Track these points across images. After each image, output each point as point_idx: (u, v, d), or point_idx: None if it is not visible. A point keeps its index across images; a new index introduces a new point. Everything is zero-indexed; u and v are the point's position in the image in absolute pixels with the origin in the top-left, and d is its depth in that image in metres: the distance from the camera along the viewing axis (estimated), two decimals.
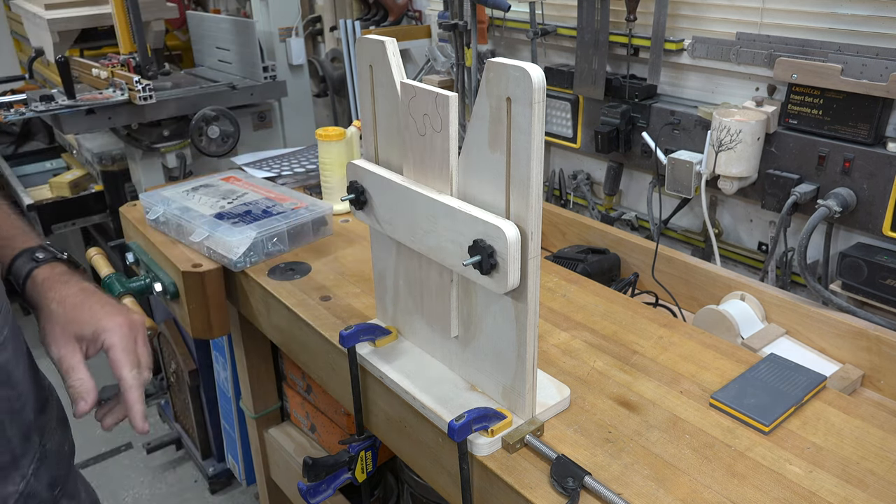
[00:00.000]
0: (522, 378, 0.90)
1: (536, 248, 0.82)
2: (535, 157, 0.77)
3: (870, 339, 1.17)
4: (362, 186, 1.01)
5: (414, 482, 1.46)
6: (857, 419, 0.95)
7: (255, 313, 1.41)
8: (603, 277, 1.44)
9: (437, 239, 0.89)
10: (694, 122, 1.49)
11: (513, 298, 0.86)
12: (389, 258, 1.06)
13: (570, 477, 0.84)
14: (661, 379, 1.04)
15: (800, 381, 1.01)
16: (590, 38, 1.61)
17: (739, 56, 1.44)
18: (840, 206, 1.27)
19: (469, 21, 1.80)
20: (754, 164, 1.39)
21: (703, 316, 1.30)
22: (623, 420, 0.96)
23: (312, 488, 1.12)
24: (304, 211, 1.48)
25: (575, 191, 1.86)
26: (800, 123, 1.35)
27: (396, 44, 0.92)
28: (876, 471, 0.87)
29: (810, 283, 1.28)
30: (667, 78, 1.60)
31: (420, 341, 1.07)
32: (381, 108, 0.97)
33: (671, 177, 1.50)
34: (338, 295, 1.29)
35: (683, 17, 1.53)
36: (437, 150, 0.88)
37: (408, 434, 1.04)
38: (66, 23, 2.45)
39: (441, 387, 1.00)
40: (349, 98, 2.56)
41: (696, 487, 0.84)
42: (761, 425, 0.93)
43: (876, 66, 1.24)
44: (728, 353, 1.10)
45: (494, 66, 0.77)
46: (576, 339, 1.14)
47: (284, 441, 1.70)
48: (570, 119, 1.75)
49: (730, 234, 1.59)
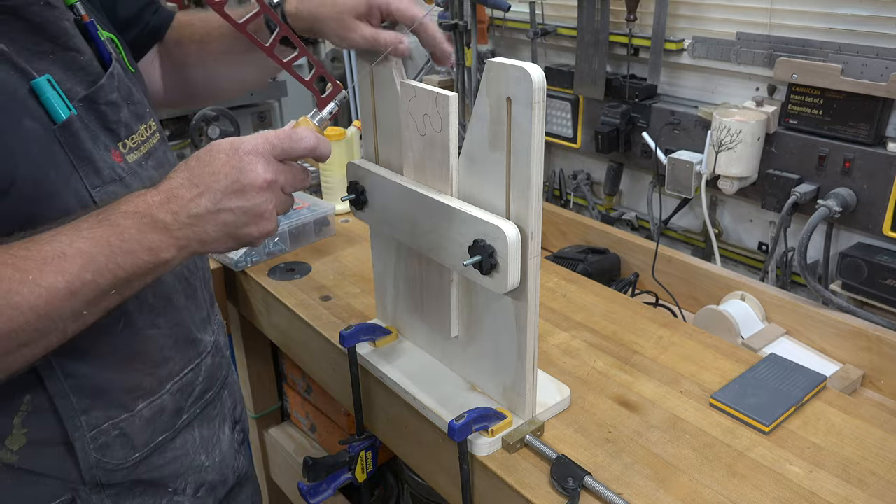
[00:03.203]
0: (523, 378, 0.90)
1: (537, 248, 0.82)
2: (535, 157, 0.77)
3: (870, 339, 1.17)
4: (362, 186, 1.01)
5: (414, 482, 1.46)
6: (857, 419, 0.95)
7: (255, 313, 1.41)
8: (603, 277, 1.44)
9: (437, 239, 0.89)
10: (694, 122, 1.49)
11: (513, 298, 0.86)
12: (389, 258, 1.06)
13: (571, 477, 0.84)
14: (661, 379, 1.04)
15: (800, 381, 1.01)
16: (590, 38, 1.61)
17: (739, 56, 1.43)
18: (840, 206, 1.27)
19: (469, 21, 1.80)
20: (754, 164, 1.39)
21: (704, 316, 1.30)
22: (623, 420, 0.96)
23: (312, 488, 1.12)
24: (306, 211, 1.48)
25: (575, 191, 1.86)
26: (800, 123, 1.35)
27: None
28: (876, 471, 0.87)
29: (810, 283, 1.28)
30: (667, 78, 1.60)
31: (420, 341, 1.07)
32: (381, 108, 0.97)
33: (671, 177, 1.50)
34: (338, 295, 1.29)
35: (683, 17, 1.53)
36: (437, 150, 0.88)
37: (408, 434, 1.04)
38: None
39: (441, 387, 1.00)
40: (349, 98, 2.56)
41: (697, 487, 0.84)
42: (761, 425, 0.93)
43: (876, 66, 1.24)
44: (728, 353, 1.10)
45: (494, 66, 0.77)
46: (576, 339, 1.14)
47: (284, 441, 1.70)
48: (570, 119, 1.75)
49: (730, 234, 1.59)
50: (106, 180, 0.79)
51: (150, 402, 0.88)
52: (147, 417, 0.87)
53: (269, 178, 0.74)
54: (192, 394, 0.94)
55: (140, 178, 0.84)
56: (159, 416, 0.89)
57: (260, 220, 0.75)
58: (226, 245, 0.75)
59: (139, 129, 0.87)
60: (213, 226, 0.72)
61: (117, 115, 0.83)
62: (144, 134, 0.88)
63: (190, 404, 0.94)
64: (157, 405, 0.89)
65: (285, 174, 0.76)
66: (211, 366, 0.98)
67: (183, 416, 0.93)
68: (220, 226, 0.73)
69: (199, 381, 0.95)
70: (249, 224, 0.74)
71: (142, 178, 0.84)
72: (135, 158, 0.85)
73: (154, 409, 0.88)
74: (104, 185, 0.79)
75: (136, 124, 0.87)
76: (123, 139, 0.84)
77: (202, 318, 0.97)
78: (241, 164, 0.73)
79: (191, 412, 0.94)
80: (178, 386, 0.91)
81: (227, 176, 0.72)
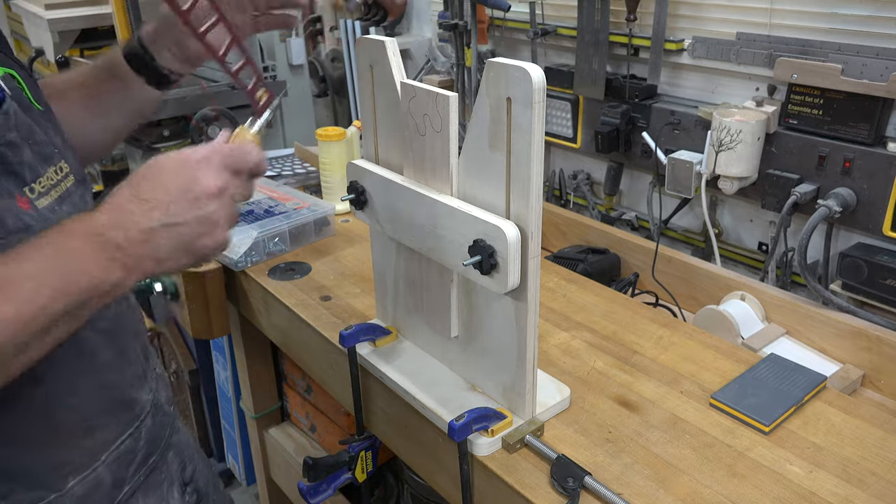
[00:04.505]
0: (523, 378, 0.90)
1: (536, 248, 0.82)
2: (535, 157, 0.77)
3: (870, 339, 1.17)
4: (362, 186, 1.01)
5: (414, 482, 1.46)
6: (857, 419, 0.95)
7: (255, 313, 1.41)
8: (603, 277, 1.43)
9: (437, 239, 0.89)
10: (694, 122, 1.49)
11: (513, 298, 0.86)
12: (389, 258, 1.06)
13: (571, 477, 0.84)
14: (661, 379, 1.04)
15: (800, 381, 1.01)
16: (590, 38, 1.61)
17: (739, 56, 1.43)
18: (840, 206, 1.27)
19: (469, 21, 1.80)
20: (754, 164, 1.39)
21: (704, 316, 1.30)
22: (623, 420, 0.96)
23: (312, 488, 1.12)
24: (306, 211, 1.48)
25: (575, 191, 1.86)
26: (800, 123, 1.35)
27: (396, 44, 0.93)
28: (876, 471, 0.87)
29: (810, 283, 1.28)
30: (667, 78, 1.60)
31: (420, 341, 1.07)
32: (381, 108, 0.97)
33: (671, 177, 1.50)
34: (338, 295, 1.29)
35: (683, 17, 1.53)
36: (437, 150, 0.88)
37: (408, 434, 1.04)
38: (66, 23, 2.45)
39: (441, 387, 1.00)
40: (349, 98, 2.56)
41: (697, 487, 0.84)
42: (761, 425, 0.93)
43: (876, 66, 1.24)
44: (728, 353, 1.10)
45: (494, 66, 0.77)
46: (576, 339, 1.14)
47: (284, 441, 1.70)
48: (570, 119, 1.75)
49: (730, 234, 1.59)
50: (10, 230, 0.72)
51: (82, 478, 0.81)
52: (80, 495, 0.81)
53: (221, 186, 0.72)
54: (134, 461, 0.87)
55: (48, 226, 0.74)
56: (95, 491, 0.82)
57: (214, 230, 0.73)
58: (179, 262, 0.72)
59: (47, 171, 0.79)
60: (168, 240, 0.70)
61: (19, 157, 0.75)
62: (54, 177, 0.80)
63: (132, 473, 0.87)
64: (91, 480, 0.82)
65: (234, 184, 0.75)
66: (152, 427, 0.91)
67: (125, 487, 0.86)
68: (174, 239, 0.70)
69: (141, 447, 0.88)
70: (204, 235, 0.72)
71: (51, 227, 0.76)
72: (46, 204, 0.77)
73: (88, 485, 0.81)
74: (8, 236, 0.71)
75: (43, 166, 0.78)
76: (30, 183, 0.76)
77: (136, 374, 0.90)
78: (192, 173, 0.71)
79: (133, 482, 0.87)
80: (115, 455, 0.85)
81: (179, 187, 0.70)
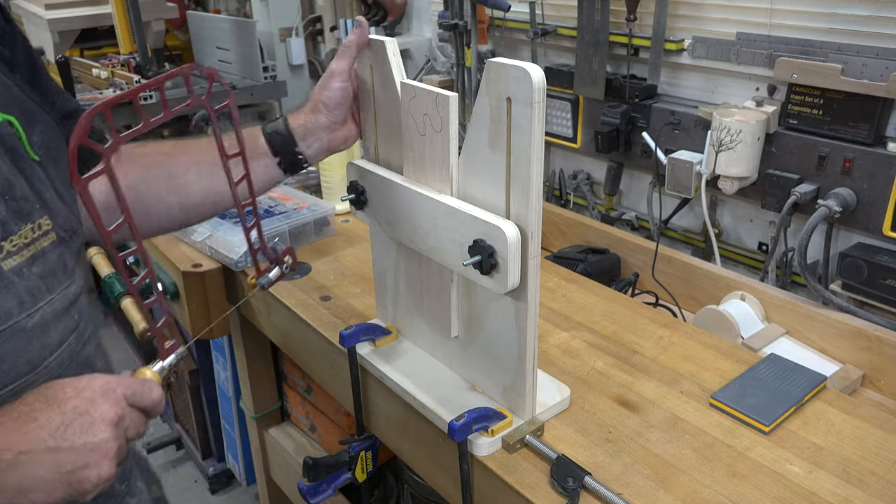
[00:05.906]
0: (523, 378, 0.90)
1: (536, 248, 0.82)
2: (535, 157, 0.77)
3: (870, 339, 1.17)
4: (362, 186, 1.01)
5: (414, 482, 1.46)
6: (857, 419, 0.95)
7: (255, 313, 1.41)
8: (603, 277, 1.44)
9: (437, 239, 0.89)
10: (694, 122, 1.49)
11: (513, 298, 0.86)
12: (389, 258, 1.06)
13: (571, 477, 0.84)
14: (661, 379, 1.04)
15: (800, 381, 1.01)
16: (590, 38, 1.61)
17: (739, 56, 1.43)
18: (840, 206, 1.27)
19: (469, 21, 1.80)
20: (754, 164, 1.39)
21: (704, 316, 1.30)
22: (623, 420, 0.96)
23: (312, 488, 1.12)
24: (306, 211, 1.48)
25: (575, 191, 1.86)
26: (800, 123, 1.35)
27: (396, 44, 0.93)
28: (876, 471, 0.87)
29: (810, 283, 1.28)
30: (667, 78, 1.60)
31: (420, 341, 1.07)
32: (381, 108, 0.97)
33: (671, 177, 1.50)
34: (338, 295, 1.29)
35: (683, 17, 1.53)
36: (437, 150, 0.88)
37: (408, 434, 1.04)
38: (66, 23, 2.45)
39: (441, 387, 1.00)
40: None
41: (697, 487, 0.84)
42: (761, 425, 0.93)
43: (876, 66, 1.24)
44: (728, 353, 1.10)
45: (494, 66, 0.77)
46: (576, 339, 1.14)
47: (284, 441, 1.70)
48: (570, 119, 1.75)
49: (730, 234, 1.59)
50: None
51: None
52: None
53: (121, 414, 0.68)
54: None
55: (12, 290, 0.69)
56: None
57: (103, 461, 0.66)
58: (49, 497, 0.64)
59: (22, 229, 0.71)
60: (46, 467, 0.63)
61: None
62: (29, 235, 0.72)
63: None
64: None
65: (131, 417, 0.71)
66: None
67: None
68: (54, 467, 0.63)
69: None
70: (91, 466, 0.65)
71: (15, 290, 0.69)
72: (13, 265, 0.70)
73: None
74: None
75: (18, 224, 0.70)
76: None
77: None
78: (94, 396, 0.67)
79: None
80: None
81: (76, 409, 0.65)
